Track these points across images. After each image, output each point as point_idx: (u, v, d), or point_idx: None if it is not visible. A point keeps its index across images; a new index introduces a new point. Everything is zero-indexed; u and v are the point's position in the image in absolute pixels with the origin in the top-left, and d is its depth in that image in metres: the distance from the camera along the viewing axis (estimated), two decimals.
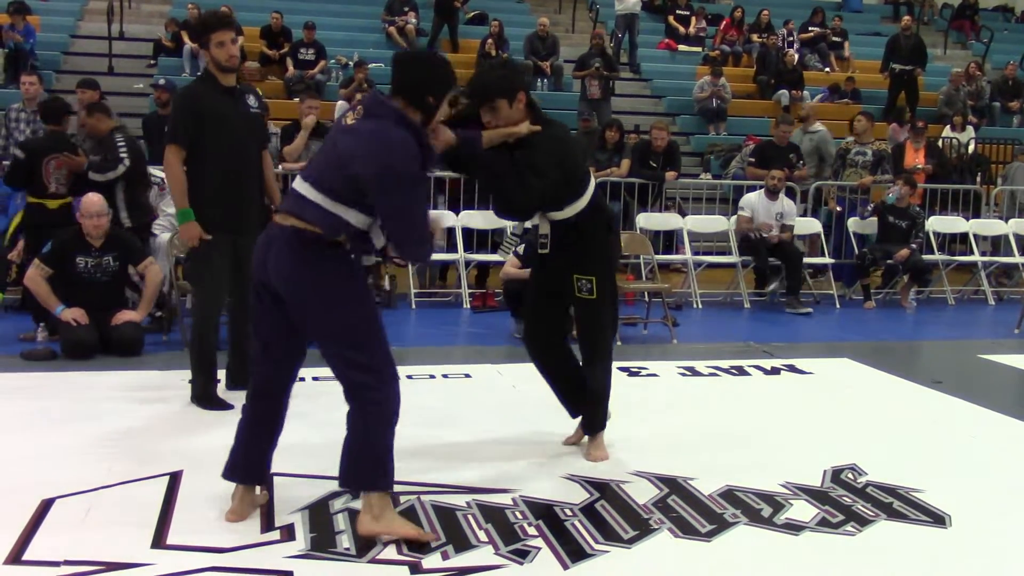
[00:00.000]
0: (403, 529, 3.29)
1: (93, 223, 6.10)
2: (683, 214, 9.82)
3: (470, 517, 3.50)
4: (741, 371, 6.16)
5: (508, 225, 8.51)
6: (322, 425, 4.58)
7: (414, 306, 8.48)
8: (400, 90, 3.31)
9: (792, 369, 6.25)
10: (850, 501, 3.79)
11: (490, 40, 14.15)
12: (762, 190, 9.09)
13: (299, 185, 3.29)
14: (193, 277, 5.20)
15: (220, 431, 4.51)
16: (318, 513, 3.51)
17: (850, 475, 4.10)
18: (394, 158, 3.14)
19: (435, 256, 8.99)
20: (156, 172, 7.66)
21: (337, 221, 3.19)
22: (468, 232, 8.94)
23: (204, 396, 4.93)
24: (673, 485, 3.90)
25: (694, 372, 6.10)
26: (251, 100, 5.06)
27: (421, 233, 3.30)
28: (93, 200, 6.27)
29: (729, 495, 3.80)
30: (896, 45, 15.32)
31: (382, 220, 3.23)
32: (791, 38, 16.35)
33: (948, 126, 13.52)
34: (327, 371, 5.71)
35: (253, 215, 5.00)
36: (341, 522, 3.43)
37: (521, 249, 7.36)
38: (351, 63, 13.77)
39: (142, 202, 7.20)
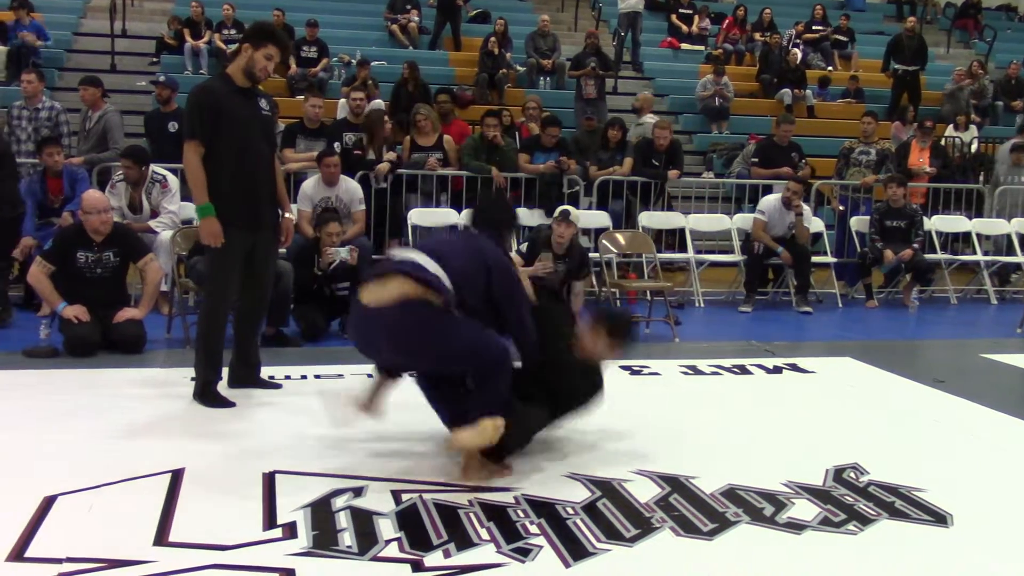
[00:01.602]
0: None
1: (100, 219, 6.10)
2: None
3: (472, 515, 3.50)
4: (743, 370, 6.16)
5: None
6: (325, 423, 4.59)
7: None
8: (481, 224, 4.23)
9: (794, 368, 6.25)
10: (852, 500, 3.79)
11: (492, 38, 14.15)
12: (780, 195, 8.98)
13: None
14: (203, 272, 5.19)
15: (222, 428, 4.53)
16: (320, 511, 3.50)
17: (852, 474, 4.09)
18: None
19: None
20: (159, 170, 7.68)
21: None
22: None
23: (206, 393, 4.93)
24: (675, 484, 3.89)
25: (696, 371, 6.10)
26: (263, 103, 5.09)
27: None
28: (96, 197, 6.28)
29: (731, 494, 3.79)
30: (898, 46, 15.32)
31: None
32: (798, 40, 16.35)
33: (951, 125, 13.51)
34: (330, 369, 5.77)
35: (267, 214, 5.02)
36: (343, 520, 3.42)
37: (524, 247, 7.36)
38: (353, 61, 13.78)
39: (6, 194, 6.99)
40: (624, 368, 6.02)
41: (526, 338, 4.00)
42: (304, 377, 5.58)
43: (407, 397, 4.31)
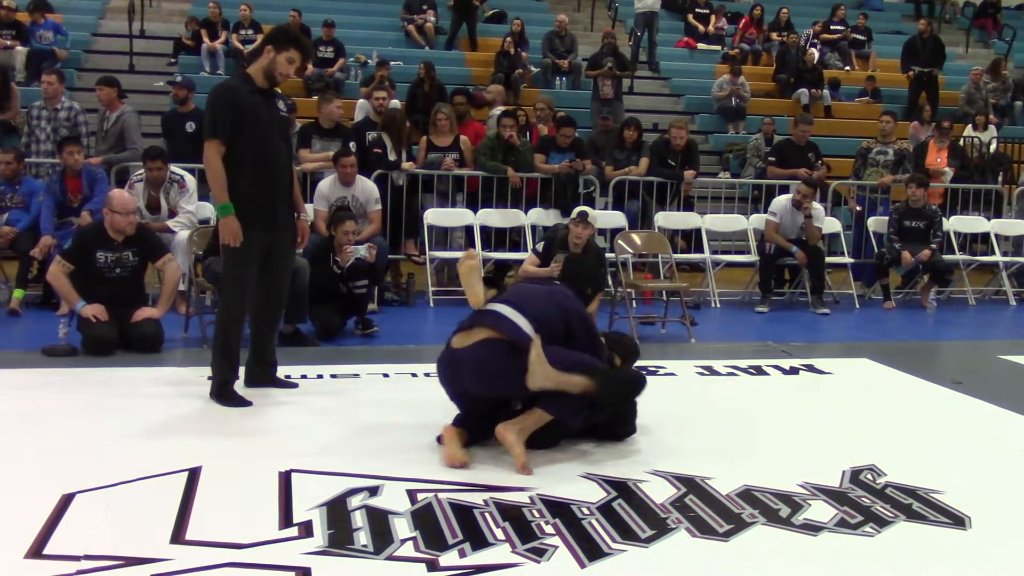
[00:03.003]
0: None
1: (128, 220, 6.15)
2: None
3: (487, 515, 3.50)
4: (759, 371, 6.14)
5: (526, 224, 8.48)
6: (341, 422, 4.61)
7: (432, 304, 8.50)
8: None
9: (811, 369, 6.22)
10: (869, 502, 3.77)
11: (509, 39, 14.15)
12: (791, 196, 8.96)
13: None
14: (220, 273, 5.20)
15: (239, 427, 4.55)
16: (336, 510, 3.51)
17: (869, 476, 4.07)
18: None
19: (453, 255, 9.03)
20: (176, 170, 7.72)
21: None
22: (486, 230, 8.96)
23: (223, 393, 4.95)
24: (691, 484, 3.89)
25: (712, 371, 6.08)
26: (280, 104, 5.11)
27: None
28: (126, 197, 6.34)
29: (747, 495, 3.78)
30: (913, 48, 15.25)
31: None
32: (815, 40, 16.29)
33: (970, 125, 13.43)
34: (346, 368, 5.78)
35: (284, 214, 5.04)
36: (359, 519, 3.43)
37: (540, 247, 7.35)
38: (370, 61, 13.82)
39: None
40: (640, 368, 6.00)
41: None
42: (320, 376, 5.60)
43: (421, 397, 4.32)
